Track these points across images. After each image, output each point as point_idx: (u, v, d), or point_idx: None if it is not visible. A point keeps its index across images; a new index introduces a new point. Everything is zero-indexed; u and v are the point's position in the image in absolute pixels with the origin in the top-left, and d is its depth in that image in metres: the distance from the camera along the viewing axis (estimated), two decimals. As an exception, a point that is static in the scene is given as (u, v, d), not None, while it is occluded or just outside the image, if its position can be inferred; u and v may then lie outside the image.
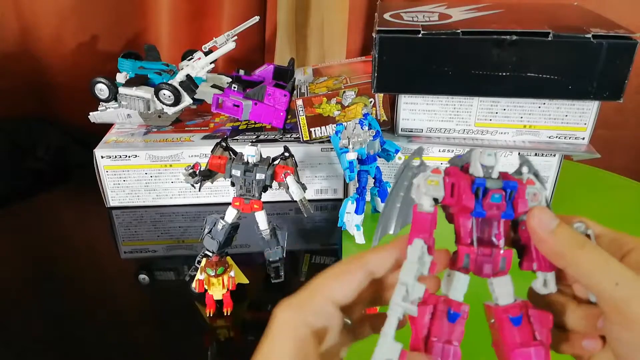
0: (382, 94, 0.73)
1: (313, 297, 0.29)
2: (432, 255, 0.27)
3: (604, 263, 0.26)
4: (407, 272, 0.26)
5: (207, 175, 0.61)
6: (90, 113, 0.83)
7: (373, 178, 0.69)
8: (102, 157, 0.75)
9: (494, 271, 0.29)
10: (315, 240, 0.74)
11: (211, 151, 0.62)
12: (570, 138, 0.71)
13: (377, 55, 0.65)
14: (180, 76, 0.76)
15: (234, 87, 0.76)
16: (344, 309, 0.29)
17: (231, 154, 0.62)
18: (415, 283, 0.26)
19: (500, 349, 0.29)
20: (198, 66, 0.78)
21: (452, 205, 0.29)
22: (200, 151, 0.75)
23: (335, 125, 0.72)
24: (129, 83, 0.78)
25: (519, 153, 0.36)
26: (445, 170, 0.29)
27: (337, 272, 0.29)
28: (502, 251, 0.29)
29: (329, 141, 0.75)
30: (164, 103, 0.77)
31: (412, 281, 0.26)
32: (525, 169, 0.30)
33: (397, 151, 0.69)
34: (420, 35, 0.63)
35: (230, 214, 0.61)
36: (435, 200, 0.28)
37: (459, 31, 0.63)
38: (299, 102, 0.73)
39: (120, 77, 0.80)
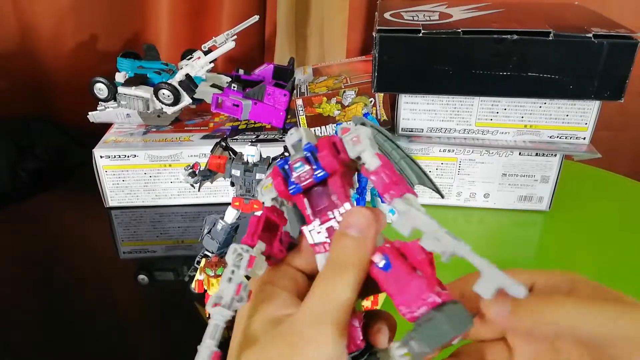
0: (382, 94, 0.73)
1: (280, 266, 0.29)
2: (253, 253, 0.26)
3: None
4: (222, 279, 0.25)
5: (207, 175, 0.61)
6: (90, 113, 0.83)
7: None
8: (101, 156, 0.75)
9: None
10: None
11: (211, 151, 0.61)
12: (571, 138, 0.71)
13: (377, 55, 0.65)
14: (179, 76, 0.76)
15: (234, 87, 0.76)
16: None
17: (231, 153, 0.61)
18: (226, 286, 0.25)
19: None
20: (197, 65, 0.77)
21: (280, 194, 0.28)
22: (199, 151, 0.75)
23: (335, 125, 0.72)
24: (128, 83, 0.77)
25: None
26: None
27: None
28: (342, 208, 0.27)
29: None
30: (163, 103, 0.77)
31: (224, 286, 0.25)
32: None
33: (397, 151, 0.68)
34: (420, 35, 0.63)
35: (230, 214, 0.61)
36: (277, 199, 0.29)
37: (459, 30, 0.63)
38: (299, 101, 0.72)
39: (120, 77, 0.80)
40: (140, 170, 0.77)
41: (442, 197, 0.37)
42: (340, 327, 0.24)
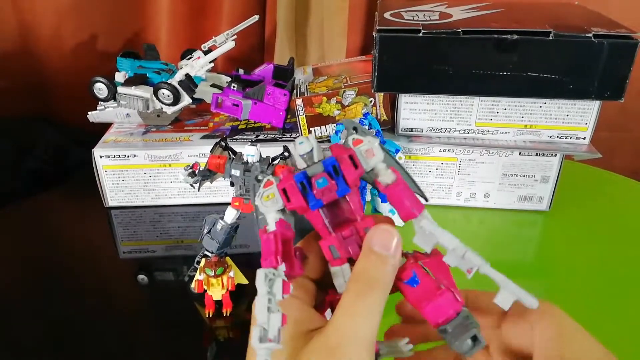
0: (382, 94, 0.73)
1: None
2: (281, 276, 0.25)
3: None
4: (259, 310, 0.23)
5: (207, 175, 0.61)
6: (89, 112, 0.83)
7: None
8: (100, 156, 0.75)
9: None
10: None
11: (210, 151, 0.61)
12: (571, 138, 0.71)
13: (377, 55, 0.65)
14: (179, 75, 0.76)
15: (234, 87, 0.76)
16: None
17: (230, 153, 0.61)
18: (269, 317, 0.23)
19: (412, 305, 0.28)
20: (197, 65, 0.77)
21: (296, 209, 0.27)
22: (199, 151, 0.75)
23: (335, 124, 0.72)
24: (128, 82, 0.77)
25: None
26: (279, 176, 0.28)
27: None
28: (362, 223, 0.28)
29: (329, 141, 0.75)
30: (163, 102, 0.77)
31: (265, 317, 0.23)
32: (348, 135, 0.28)
33: (397, 150, 0.68)
34: (420, 35, 0.63)
35: (230, 214, 0.61)
36: (283, 210, 0.27)
37: (459, 30, 0.63)
38: (299, 101, 0.72)
39: (119, 77, 0.80)
40: (140, 170, 0.76)
41: (427, 200, 0.37)
42: (372, 345, 0.25)
